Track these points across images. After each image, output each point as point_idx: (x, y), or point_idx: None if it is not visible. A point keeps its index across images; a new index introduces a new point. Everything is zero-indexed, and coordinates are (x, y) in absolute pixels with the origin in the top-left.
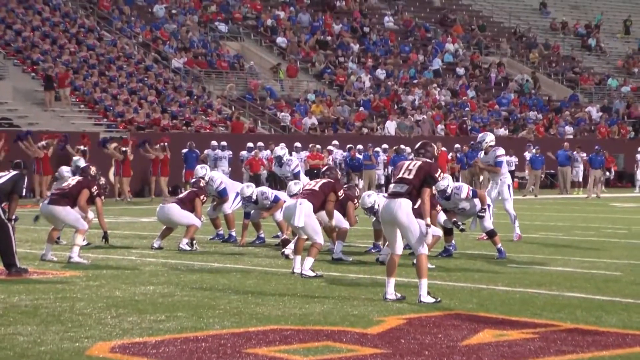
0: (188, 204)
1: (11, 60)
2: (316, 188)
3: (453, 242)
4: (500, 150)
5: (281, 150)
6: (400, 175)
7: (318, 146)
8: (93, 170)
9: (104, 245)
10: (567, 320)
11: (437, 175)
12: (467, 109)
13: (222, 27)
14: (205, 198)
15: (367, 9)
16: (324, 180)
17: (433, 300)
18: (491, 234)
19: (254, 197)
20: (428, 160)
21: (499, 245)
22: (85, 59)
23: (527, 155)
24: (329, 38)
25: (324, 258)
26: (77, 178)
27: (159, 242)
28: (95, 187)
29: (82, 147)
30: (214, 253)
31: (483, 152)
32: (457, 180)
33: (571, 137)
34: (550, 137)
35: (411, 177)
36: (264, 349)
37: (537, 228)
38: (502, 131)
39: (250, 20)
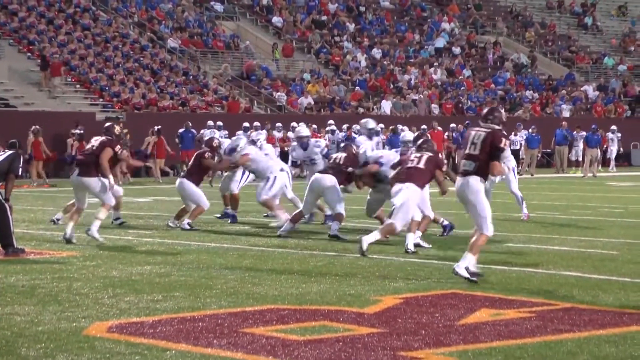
0: (195, 173)
1: (7, 41)
2: (421, 166)
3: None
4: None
5: (305, 130)
6: (467, 151)
7: (314, 126)
8: (117, 129)
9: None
10: (564, 299)
11: (501, 144)
12: (462, 88)
13: (218, 7)
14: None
15: None
16: (426, 155)
17: (467, 276)
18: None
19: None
20: (492, 128)
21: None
22: (81, 39)
23: (523, 134)
24: (324, 17)
25: (322, 237)
26: (101, 138)
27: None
28: (118, 147)
29: (78, 131)
30: (211, 233)
31: None
32: (454, 161)
33: (567, 116)
34: (546, 116)
35: (477, 152)
36: (261, 329)
37: (533, 207)
38: None
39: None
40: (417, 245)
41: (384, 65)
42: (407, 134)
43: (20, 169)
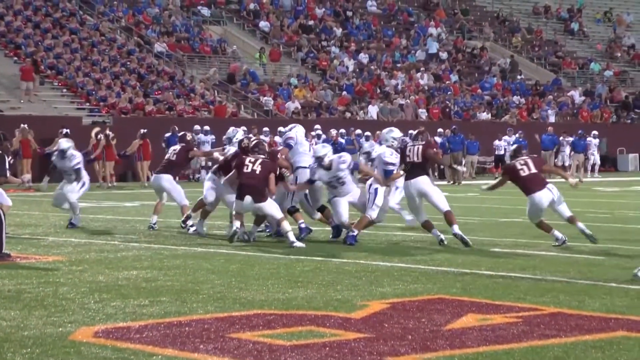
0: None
1: None
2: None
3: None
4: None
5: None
6: None
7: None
8: (189, 136)
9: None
10: (550, 304)
11: None
12: (449, 93)
13: (205, 11)
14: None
15: None
16: (419, 146)
17: None
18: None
19: (327, 160)
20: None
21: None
22: (68, 43)
23: (509, 139)
24: (311, 22)
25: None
26: (178, 147)
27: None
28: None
29: (64, 130)
30: (197, 238)
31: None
32: (439, 166)
33: (554, 121)
34: (533, 121)
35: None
36: (248, 334)
37: (520, 212)
38: (485, 115)
39: (233, 4)
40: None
41: (371, 70)
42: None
43: (8, 171)
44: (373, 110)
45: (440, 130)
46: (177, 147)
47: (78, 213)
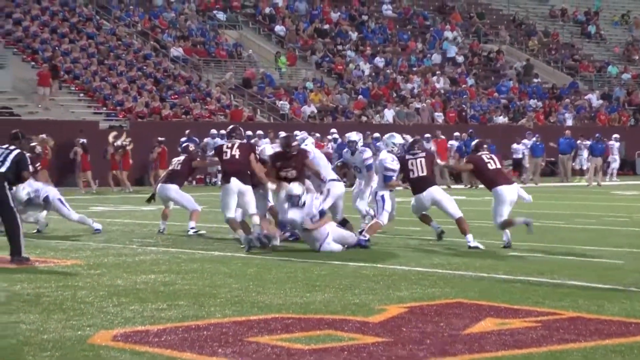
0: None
1: (11, 50)
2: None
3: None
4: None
5: (356, 135)
6: None
7: (317, 134)
8: (192, 146)
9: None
10: (569, 308)
11: None
12: (466, 96)
13: (221, 16)
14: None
15: None
16: (422, 159)
17: None
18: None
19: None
20: None
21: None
22: (84, 47)
23: (527, 142)
24: (327, 26)
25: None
26: (182, 157)
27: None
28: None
29: (80, 140)
30: (215, 241)
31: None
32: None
33: (571, 124)
34: (550, 124)
35: None
36: (266, 338)
37: (538, 216)
38: (502, 119)
39: (249, 8)
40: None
41: (387, 73)
42: (352, 135)
43: (31, 167)
44: (389, 114)
45: (456, 134)
46: (181, 157)
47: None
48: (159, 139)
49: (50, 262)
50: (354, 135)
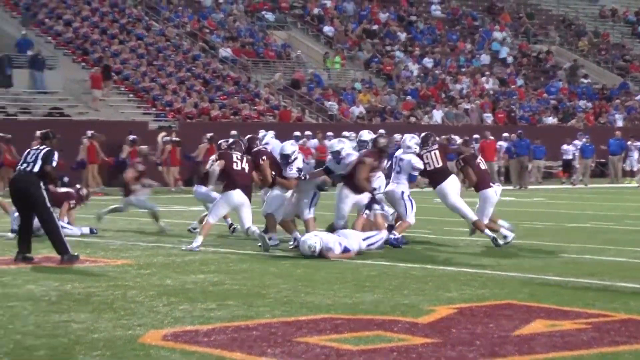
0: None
1: (61, 51)
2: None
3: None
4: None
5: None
6: None
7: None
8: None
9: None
10: (620, 310)
11: None
12: (515, 97)
13: (269, 16)
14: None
15: None
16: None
17: None
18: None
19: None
20: None
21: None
22: (134, 48)
23: (577, 143)
24: (375, 27)
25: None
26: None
27: None
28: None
29: (131, 137)
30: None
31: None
32: (507, 171)
33: (621, 125)
34: (600, 125)
35: None
36: (315, 338)
37: (588, 217)
38: (551, 119)
39: (297, 9)
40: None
41: (436, 74)
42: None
43: (55, 162)
44: (438, 115)
45: (505, 134)
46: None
47: None
48: (208, 135)
49: (100, 261)
50: (365, 135)
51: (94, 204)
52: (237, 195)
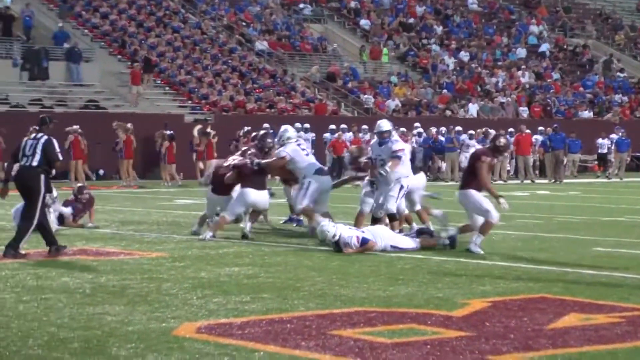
0: None
1: (98, 43)
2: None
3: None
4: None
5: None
6: None
7: (403, 129)
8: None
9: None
10: None
11: None
12: (551, 91)
13: (306, 10)
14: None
15: None
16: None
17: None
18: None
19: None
20: None
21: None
22: (170, 41)
23: (614, 137)
24: (412, 20)
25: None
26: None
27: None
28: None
29: (167, 132)
30: (297, 235)
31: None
32: (542, 164)
33: None
34: (636, 119)
35: None
36: (349, 331)
37: (622, 211)
38: (587, 113)
39: (334, 2)
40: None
41: (472, 68)
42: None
43: (59, 154)
44: (473, 109)
45: (541, 128)
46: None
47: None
48: (245, 128)
49: (135, 254)
50: (386, 124)
51: (130, 197)
52: (253, 193)
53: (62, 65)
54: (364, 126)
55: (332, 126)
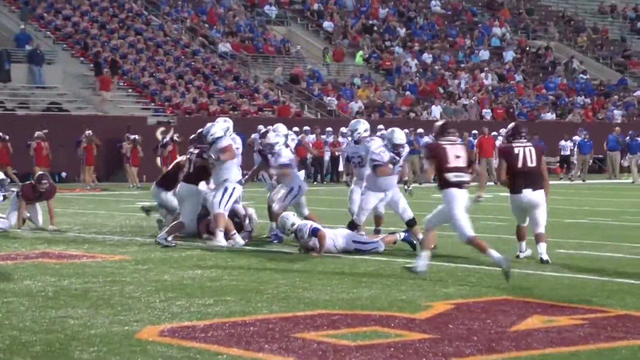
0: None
1: (60, 45)
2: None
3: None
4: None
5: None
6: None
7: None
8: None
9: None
10: (617, 306)
11: None
12: (513, 92)
13: (271, 12)
14: None
15: None
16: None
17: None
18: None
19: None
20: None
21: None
22: (133, 43)
23: (577, 139)
24: (375, 22)
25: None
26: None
27: None
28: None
29: (131, 136)
30: (261, 238)
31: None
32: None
33: (620, 121)
34: (598, 121)
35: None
36: (312, 334)
37: (585, 213)
38: (550, 115)
39: (297, 4)
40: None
41: (435, 70)
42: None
43: None
44: (436, 111)
45: (503, 130)
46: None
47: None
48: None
49: (97, 257)
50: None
51: (93, 200)
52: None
53: (24, 67)
54: (328, 128)
55: (296, 128)
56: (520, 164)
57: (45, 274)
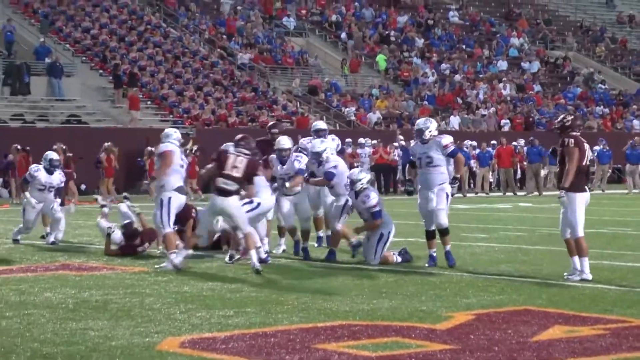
0: None
1: (79, 58)
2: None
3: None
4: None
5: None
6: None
7: (376, 141)
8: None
9: None
10: (638, 316)
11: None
12: (531, 103)
13: (290, 23)
14: None
15: (432, 4)
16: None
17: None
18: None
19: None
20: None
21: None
22: (152, 55)
23: (596, 149)
24: (393, 33)
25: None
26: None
27: None
28: None
29: (149, 148)
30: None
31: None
32: (523, 176)
33: (638, 131)
34: (617, 131)
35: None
36: (333, 345)
37: (604, 223)
38: None
39: (315, 16)
40: None
41: (453, 80)
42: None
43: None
44: (455, 121)
45: (521, 140)
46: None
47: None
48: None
49: (117, 269)
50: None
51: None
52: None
53: (44, 80)
54: (347, 139)
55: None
56: (586, 161)
57: (66, 285)
